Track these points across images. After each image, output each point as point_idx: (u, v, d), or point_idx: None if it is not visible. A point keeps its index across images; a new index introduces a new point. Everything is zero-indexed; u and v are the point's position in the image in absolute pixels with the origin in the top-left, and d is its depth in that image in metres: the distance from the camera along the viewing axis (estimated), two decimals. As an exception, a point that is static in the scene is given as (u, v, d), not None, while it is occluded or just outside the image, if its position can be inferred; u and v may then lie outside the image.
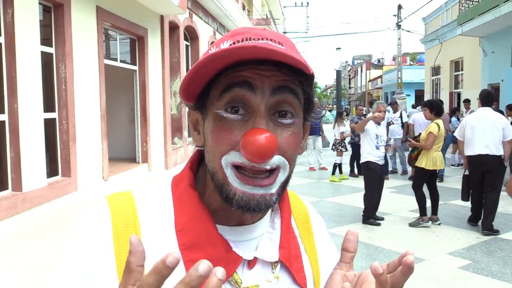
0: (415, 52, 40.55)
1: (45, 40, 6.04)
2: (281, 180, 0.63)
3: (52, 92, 6.28)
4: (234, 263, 0.64)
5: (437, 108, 5.85)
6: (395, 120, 9.98)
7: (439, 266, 4.46)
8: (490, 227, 5.50)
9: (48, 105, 6.12)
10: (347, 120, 10.17)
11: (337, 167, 9.60)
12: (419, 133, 6.48)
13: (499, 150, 5.47)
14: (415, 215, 6.28)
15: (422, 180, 5.88)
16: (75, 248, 0.64)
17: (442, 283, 4.04)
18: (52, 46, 6.24)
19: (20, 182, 5.31)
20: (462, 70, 17.24)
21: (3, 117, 5.22)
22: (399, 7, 21.90)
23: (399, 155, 10.07)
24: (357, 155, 9.45)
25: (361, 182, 6.35)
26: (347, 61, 67.26)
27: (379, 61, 49.59)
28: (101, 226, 0.64)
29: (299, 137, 0.66)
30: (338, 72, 24.33)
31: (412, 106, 16.51)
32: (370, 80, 43.06)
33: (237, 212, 0.63)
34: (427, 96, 20.44)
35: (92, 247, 0.63)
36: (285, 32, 32.47)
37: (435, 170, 5.89)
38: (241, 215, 0.65)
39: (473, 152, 5.60)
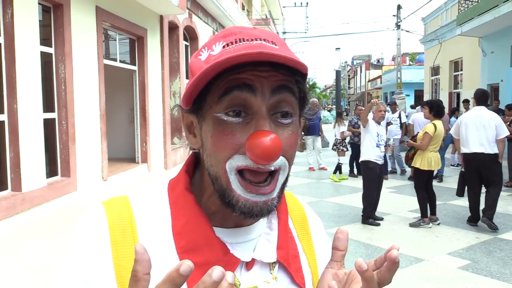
0: (415, 52, 40.56)
1: (45, 40, 6.04)
2: (281, 183, 0.64)
3: (52, 92, 6.28)
4: (232, 265, 0.64)
5: (437, 109, 5.84)
6: (394, 121, 10.00)
7: (439, 266, 4.46)
8: (490, 217, 5.59)
9: (48, 105, 6.12)
10: (347, 121, 10.17)
11: (339, 167, 9.64)
12: (417, 133, 6.49)
13: (494, 148, 5.60)
14: (415, 215, 6.29)
15: (421, 180, 5.87)
16: (73, 255, 0.64)
17: (442, 283, 4.04)
18: (52, 46, 6.24)
19: (20, 182, 5.31)
20: (462, 70, 17.25)
21: (3, 117, 5.22)
22: (399, 7, 21.91)
23: (395, 155, 10.08)
24: (357, 155, 9.45)
25: (361, 182, 6.35)
26: (347, 61, 67.32)
27: (379, 61, 49.61)
28: (99, 232, 0.64)
29: (298, 136, 0.66)
30: (338, 72, 24.34)
31: (411, 107, 16.53)
32: (370, 80, 43.08)
33: (235, 215, 0.63)
34: (427, 96, 20.46)
35: (90, 254, 0.63)
36: (285, 32, 32.50)
37: (432, 171, 5.89)
38: (239, 217, 0.65)
39: (469, 150, 5.71)
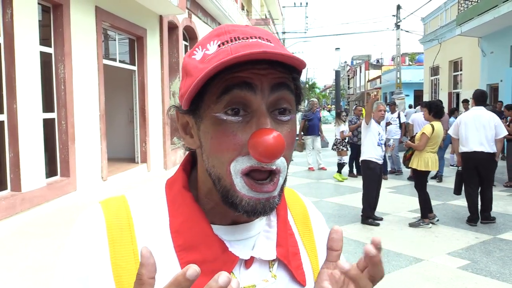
0: (414, 52, 40.52)
1: (44, 40, 6.04)
2: (281, 183, 0.64)
3: (51, 92, 6.28)
4: (231, 263, 0.64)
5: (436, 110, 5.85)
6: (393, 121, 10.00)
7: (438, 266, 4.46)
8: (488, 217, 5.92)
9: (47, 105, 6.11)
10: (347, 121, 10.18)
11: (343, 166, 9.68)
12: (416, 133, 6.50)
13: (492, 147, 5.77)
14: (414, 215, 6.29)
15: (420, 181, 5.87)
16: (70, 254, 0.64)
17: (441, 283, 4.05)
18: (51, 46, 6.24)
19: (19, 182, 5.30)
20: (461, 70, 17.26)
21: (2, 117, 5.22)
22: (398, 7, 21.91)
23: (393, 155, 10.09)
24: (356, 156, 9.47)
25: (360, 182, 6.35)
26: (346, 61, 67.28)
27: (378, 61, 49.59)
28: (96, 232, 0.64)
29: (295, 132, 0.66)
30: (337, 72, 24.33)
31: (409, 106, 16.54)
32: (369, 80, 43.08)
33: (232, 212, 0.64)
34: (426, 97, 20.47)
35: (87, 253, 0.63)
36: (284, 32, 32.50)
37: (429, 171, 5.89)
38: (238, 215, 0.65)
39: (468, 149, 5.82)
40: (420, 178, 5.86)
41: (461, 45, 16.01)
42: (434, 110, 5.85)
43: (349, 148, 10.00)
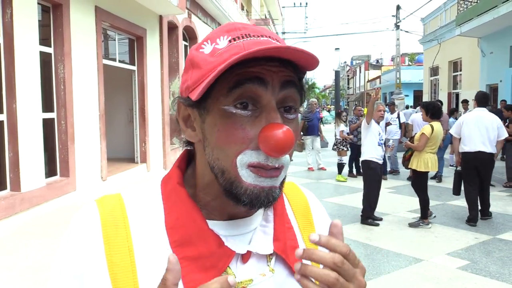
0: (414, 53, 40.55)
1: (44, 40, 6.04)
2: (283, 177, 0.65)
3: (51, 92, 6.28)
4: (227, 258, 0.64)
5: (433, 111, 5.87)
6: (393, 121, 9.99)
7: (438, 267, 4.46)
8: (486, 213, 6.13)
9: (47, 105, 6.11)
10: (347, 121, 10.18)
11: (343, 166, 9.67)
12: (415, 133, 6.50)
13: (493, 148, 5.89)
14: (414, 215, 6.29)
15: (420, 181, 5.87)
16: (66, 252, 0.65)
17: (441, 284, 4.05)
18: (51, 46, 6.24)
19: (19, 182, 5.30)
20: (461, 71, 17.26)
21: (2, 117, 5.22)
22: (398, 8, 21.92)
23: (392, 155, 10.09)
24: (356, 156, 9.48)
25: (360, 183, 6.35)
26: (346, 62, 67.31)
27: (378, 62, 49.61)
28: (91, 229, 0.65)
29: (298, 133, 0.67)
30: (337, 73, 24.29)
31: (406, 107, 16.53)
32: (369, 81, 43.11)
33: (230, 206, 0.64)
34: (426, 97, 20.49)
35: (82, 250, 0.63)
36: (284, 33, 32.49)
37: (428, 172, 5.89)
38: (234, 209, 0.65)
39: (470, 149, 5.88)
40: (420, 179, 5.86)
41: (461, 46, 16.02)
42: (431, 111, 5.86)
43: (349, 148, 10.00)
